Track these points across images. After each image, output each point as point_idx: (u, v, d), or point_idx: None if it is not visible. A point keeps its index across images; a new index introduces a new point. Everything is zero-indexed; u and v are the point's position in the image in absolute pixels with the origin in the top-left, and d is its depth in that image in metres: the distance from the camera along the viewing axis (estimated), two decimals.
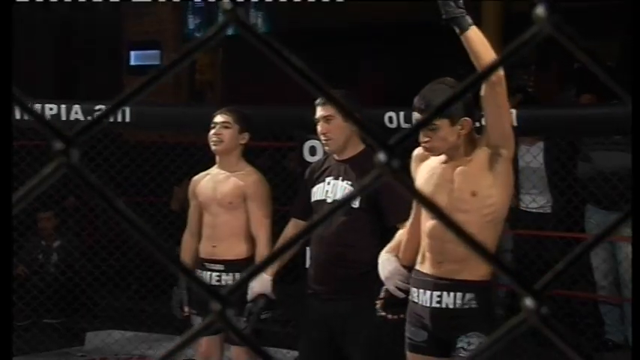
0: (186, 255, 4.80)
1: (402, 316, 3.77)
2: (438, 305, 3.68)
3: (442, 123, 3.46)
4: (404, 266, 3.82)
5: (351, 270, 3.88)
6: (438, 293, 3.67)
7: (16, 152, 7.05)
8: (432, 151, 3.58)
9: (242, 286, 0.73)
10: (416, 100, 3.61)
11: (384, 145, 0.73)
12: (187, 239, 4.83)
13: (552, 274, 0.76)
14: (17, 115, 4.73)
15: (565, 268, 0.76)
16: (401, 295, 3.78)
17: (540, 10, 0.72)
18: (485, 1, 7.55)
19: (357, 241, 3.96)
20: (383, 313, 3.82)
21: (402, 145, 0.75)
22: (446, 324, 3.68)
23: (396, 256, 3.84)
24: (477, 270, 3.63)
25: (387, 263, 3.82)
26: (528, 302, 0.75)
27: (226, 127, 4.62)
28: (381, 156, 0.74)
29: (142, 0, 9.77)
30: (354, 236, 4.06)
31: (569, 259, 0.79)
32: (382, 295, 3.84)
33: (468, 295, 3.66)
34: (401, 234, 3.91)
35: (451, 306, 3.67)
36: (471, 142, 3.58)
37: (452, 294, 3.66)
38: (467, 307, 3.66)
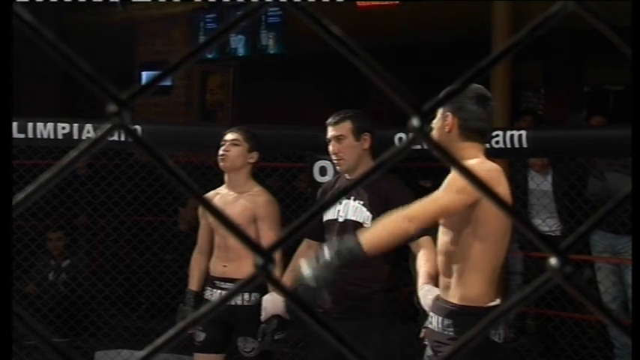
0: (194, 273, 4.81)
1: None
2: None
3: None
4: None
5: (362, 288, 3.88)
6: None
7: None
8: None
9: (284, 241, 0.81)
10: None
11: (418, 110, 0.75)
12: (197, 257, 4.83)
13: (575, 236, 0.77)
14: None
15: (588, 230, 0.81)
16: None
17: None
18: (495, 2, 7.54)
19: (368, 260, 3.95)
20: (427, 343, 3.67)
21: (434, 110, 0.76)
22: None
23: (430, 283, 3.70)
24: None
25: (429, 294, 3.64)
26: (553, 262, 0.76)
27: (235, 145, 4.63)
28: (415, 121, 0.76)
29: (153, 20, 9.82)
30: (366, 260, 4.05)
31: (592, 222, 0.82)
32: (425, 327, 3.68)
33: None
34: (429, 257, 3.81)
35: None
36: None
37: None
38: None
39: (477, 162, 3.43)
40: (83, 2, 9.42)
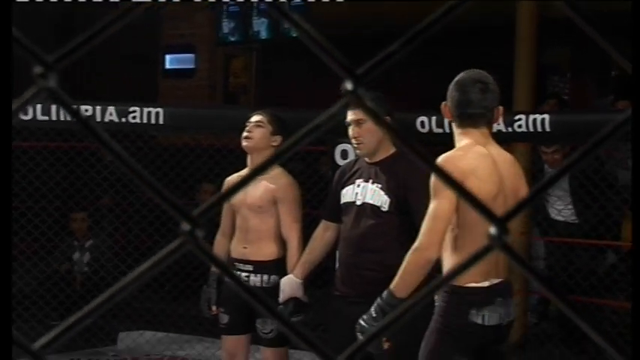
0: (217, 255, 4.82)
1: None
2: None
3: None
4: None
5: (378, 273, 3.86)
6: None
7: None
8: None
9: (213, 207, 0.76)
10: None
11: (352, 73, 0.73)
12: (220, 240, 4.85)
13: (517, 205, 0.77)
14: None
15: (528, 199, 0.83)
16: None
17: None
18: (520, 2, 7.51)
19: (385, 245, 3.94)
20: None
21: (369, 75, 0.74)
22: None
23: None
24: None
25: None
26: (492, 230, 0.75)
27: (259, 126, 4.65)
28: (348, 84, 0.73)
29: (178, 4, 9.82)
30: (382, 240, 4.04)
31: (535, 190, 0.87)
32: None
33: None
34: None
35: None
36: None
37: None
38: None
39: (453, 154, 3.50)
40: None
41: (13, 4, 0.76)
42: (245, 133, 4.67)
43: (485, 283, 3.44)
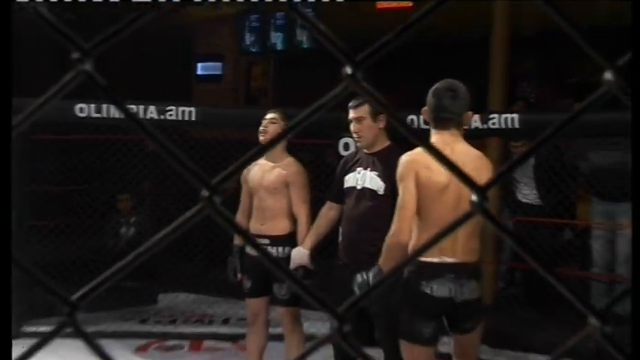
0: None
1: None
2: None
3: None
4: None
5: (374, 246, 3.86)
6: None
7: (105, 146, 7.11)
8: None
9: (229, 177, 0.75)
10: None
11: (351, 60, 0.70)
12: (239, 218, 4.85)
13: (495, 176, 0.77)
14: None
15: (506, 170, 0.82)
16: None
17: None
18: (495, 22, 7.51)
19: (381, 223, 3.92)
20: None
21: (367, 61, 0.71)
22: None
23: None
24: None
25: None
26: (474, 198, 0.73)
27: (273, 123, 4.65)
28: (348, 69, 0.70)
29: (208, 20, 9.82)
30: (378, 219, 4.02)
31: (507, 165, 0.84)
32: None
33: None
34: None
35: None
36: None
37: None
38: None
39: (416, 150, 3.51)
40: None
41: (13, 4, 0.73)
42: (261, 129, 4.67)
43: (436, 259, 3.41)
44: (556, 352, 0.68)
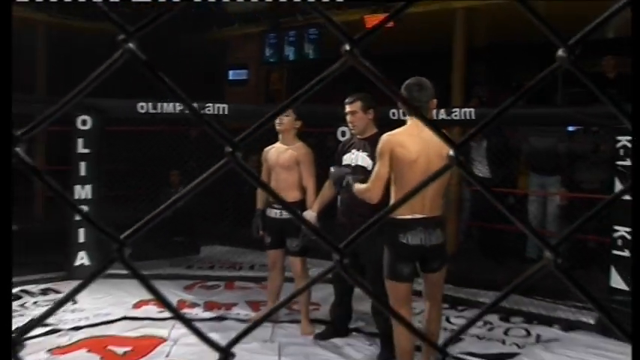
0: (259, 198, 4.82)
1: None
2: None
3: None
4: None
5: (365, 210, 3.87)
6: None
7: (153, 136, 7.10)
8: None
9: (249, 135, 0.69)
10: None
11: (350, 38, 0.65)
12: (259, 191, 4.83)
13: (468, 135, 0.74)
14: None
15: (475, 132, 0.71)
16: None
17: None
18: (455, 36, 7.44)
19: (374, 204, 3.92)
20: None
21: (363, 40, 0.65)
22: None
23: None
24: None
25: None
26: (451, 152, 0.68)
27: (286, 115, 4.62)
28: (347, 46, 0.65)
29: (237, 37, 9.75)
30: None
31: (477, 128, 0.74)
32: None
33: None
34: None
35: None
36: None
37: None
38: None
39: (393, 132, 3.54)
40: (190, 26, 9.38)
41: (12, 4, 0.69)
42: (277, 120, 4.64)
43: (408, 216, 3.46)
44: (513, 283, 0.67)
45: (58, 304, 0.70)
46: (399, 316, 0.77)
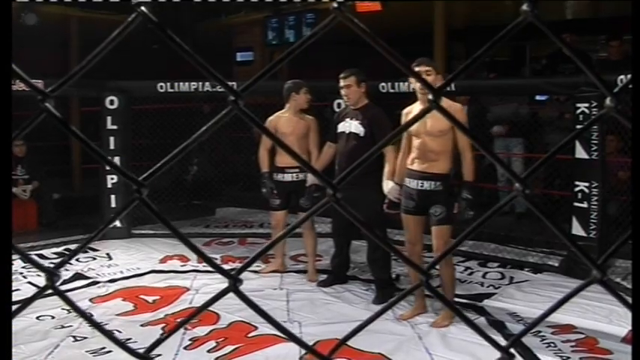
0: (265, 161, 4.77)
1: (397, 211, 3.86)
2: (421, 187, 3.73)
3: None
4: (397, 184, 3.86)
5: (358, 172, 3.88)
6: (421, 182, 3.73)
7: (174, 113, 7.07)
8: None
9: (251, 85, 0.66)
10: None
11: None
12: (263, 153, 4.78)
13: (447, 79, 0.73)
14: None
15: (450, 80, 0.73)
16: (397, 201, 3.87)
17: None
18: (436, 18, 7.37)
19: (361, 156, 3.93)
20: (389, 210, 3.93)
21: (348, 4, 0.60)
22: (424, 199, 3.72)
23: (391, 179, 3.92)
24: (443, 167, 3.68)
25: (387, 184, 3.93)
26: (430, 97, 0.65)
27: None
28: (335, 4, 0.60)
29: (243, 23, 9.65)
30: (360, 153, 3.99)
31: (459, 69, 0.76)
32: (386, 201, 3.93)
33: (437, 182, 3.70)
34: (391, 162, 3.94)
35: (428, 188, 3.71)
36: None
37: (429, 182, 3.71)
38: (436, 189, 3.70)
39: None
40: (204, 13, 9.29)
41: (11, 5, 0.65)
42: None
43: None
44: (491, 210, 0.67)
45: (89, 239, 0.70)
46: (388, 243, 0.79)
